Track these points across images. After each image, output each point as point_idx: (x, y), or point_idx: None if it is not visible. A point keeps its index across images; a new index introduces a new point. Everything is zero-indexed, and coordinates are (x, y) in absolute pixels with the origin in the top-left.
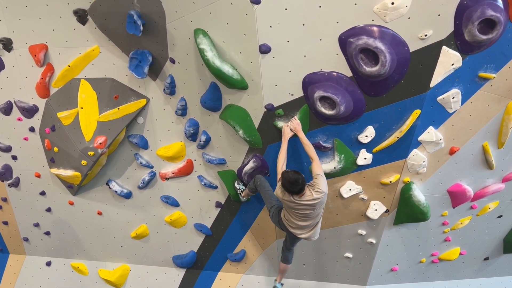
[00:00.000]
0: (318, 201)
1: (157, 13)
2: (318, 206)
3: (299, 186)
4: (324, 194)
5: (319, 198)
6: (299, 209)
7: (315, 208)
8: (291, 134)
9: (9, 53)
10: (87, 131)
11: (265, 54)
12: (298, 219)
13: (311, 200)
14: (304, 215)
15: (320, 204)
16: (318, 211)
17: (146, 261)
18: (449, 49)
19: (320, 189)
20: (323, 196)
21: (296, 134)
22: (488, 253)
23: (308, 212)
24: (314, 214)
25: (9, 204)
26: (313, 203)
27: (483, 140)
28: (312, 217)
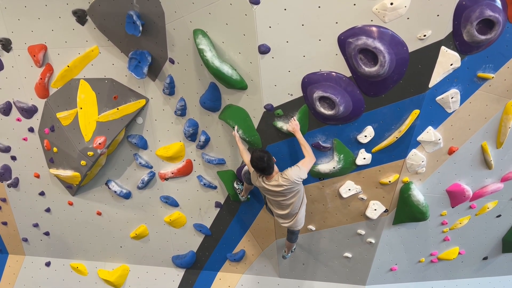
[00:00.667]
0: (285, 188)
1: (156, 14)
2: (288, 194)
3: (264, 164)
4: (292, 183)
5: (285, 185)
6: (271, 195)
7: (286, 197)
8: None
9: (8, 53)
10: (86, 132)
11: (265, 55)
12: (275, 207)
13: (277, 186)
14: (278, 203)
15: (289, 192)
16: (291, 200)
17: (146, 261)
18: (448, 49)
19: (286, 176)
20: (291, 185)
21: (294, 134)
22: (487, 252)
23: (280, 199)
24: (287, 202)
25: (8, 204)
26: (280, 190)
27: (481, 140)
28: (286, 205)
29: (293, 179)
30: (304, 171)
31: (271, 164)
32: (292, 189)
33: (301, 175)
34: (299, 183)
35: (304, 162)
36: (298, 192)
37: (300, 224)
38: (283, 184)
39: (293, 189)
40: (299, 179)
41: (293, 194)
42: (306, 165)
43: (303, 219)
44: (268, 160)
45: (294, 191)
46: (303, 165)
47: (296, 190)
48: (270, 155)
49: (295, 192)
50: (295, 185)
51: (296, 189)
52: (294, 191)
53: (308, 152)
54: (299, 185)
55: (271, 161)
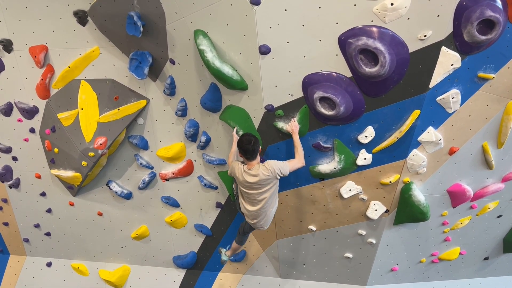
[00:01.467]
0: (262, 178)
1: (157, 14)
2: (262, 187)
3: (250, 146)
4: (270, 174)
5: (264, 175)
6: (246, 187)
7: (260, 190)
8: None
9: (9, 54)
10: (87, 132)
11: (265, 55)
12: (247, 203)
13: (255, 175)
14: (250, 198)
15: (265, 185)
16: (264, 195)
17: (147, 261)
18: (448, 49)
19: (268, 166)
20: (269, 177)
21: (292, 135)
22: (488, 252)
23: (254, 192)
24: (259, 198)
25: (9, 205)
26: (257, 180)
27: (482, 140)
28: (258, 201)
29: (274, 170)
30: (288, 168)
31: (256, 149)
32: (268, 182)
33: (283, 170)
34: (278, 178)
35: (291, 162)
36: (272, 188)
37: (267, 223)
38: (263, 173)
39: (269, 182)
40: (280, 173)
41: (267, 188)
42: (292, 164)
43: (270, 220)
44: (254, 144)
45: (269, 184)
46: (290, 163)
47: (272, 185)
48: (258, 141)
49: (270, 186)
50: (272, 179)
51: (272, 183)
52: (269, 185)
53: (299, 155)
54: (276, 181)
55: (256, 146)
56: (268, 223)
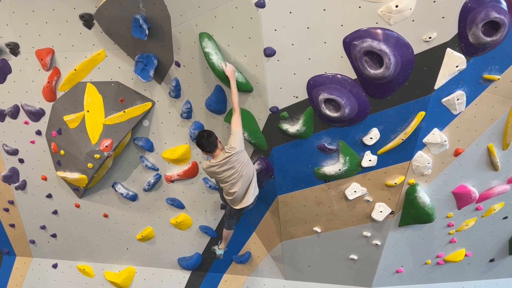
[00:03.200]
0: (230, 155)
1: (162, 17)
2: (236, 163)
3: (205, 139)
4: (236, 151)
5: (231, 155)
6: (221, 173)
7: (234, 167)
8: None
9: (16, 57)
10: (93, 134)
11: (270, 57)
12: (229, 187)
13: (224, 158)
14: (228, 178)
15: (236, 161)
16: (239, 169)
17: (152, 263)
18: (453, 51)
19: (230, 146)
20: (236, 153)
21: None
22: (494, 254)
23: (229, 173)
24: (237, 174)
25: (16, 206)
26: (227, 160)
27: (488, 142)
28: (237, 178)
29: (240, 147)
30: (239, 133)
31: (212, 140)
32: (239, 156)
33: (239, 138)
34: (243, 149)
35: (236, 123)
36: (245, 161)
37: (251, 200)
38: (229, 154)
39: (240, 156)
40: (240, 140)
41: (240, 164)
42: (237, 122)
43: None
44: (208, 137)
45: (242, 158)
46: (236, 126)
47: (242, 158)
48: (211, 134)
49: (241, 161)
50: (240, 152)
51: (241, 157)
52: (240, 160)
53: (234, 103)
54: (243, 152)
55: (211, 138)
56: (252, 197)
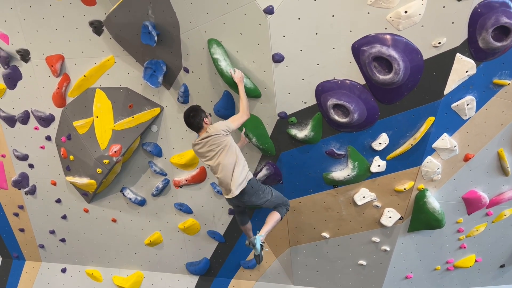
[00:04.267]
0: (208, 135)
1: (171, 24)
2: (214, 147)
3: (191, 119)
4: (215, 134)
5: (212, 134)
6: (202, 154)
7: (213, 150)
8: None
9: (27, 63)
10: (102, 140)
11: (278, 63)
12: (214, 169)
13: (202, 138)
14: (208, 161)
15: (214, 144)
16: (217, 153)
17: (160, 268)
18: (463, 56)
19: (213, 127)
20: (214, 136)
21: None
22: (504, 260)
23: (209, 155)
24: (215, 159)
25: (25, 211)
26: (206, 140)
27: (498, 147)
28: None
29: (219, 129)
30: (232, 124)
31: (198, 119)
32: (219, 140)
33: (228, 126)
34: (226, 134)
35: (235, 116)
36: (227, 146)
37: (237, 190)
38: (210, 133)
39: (219, 140)
40: (227, 130)
41: (222, 147)
42: (236, 119)
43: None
44: (193, 116)
45: (222, 143)
46: (233, 119)
47: (225, 143)
48: (196, 115)
49: (223, 145)
50: (220, 136)
51: (224, 140)
52: (222, 144)
53: (243, 107)
54: (227, 137)
55: (197, 117)
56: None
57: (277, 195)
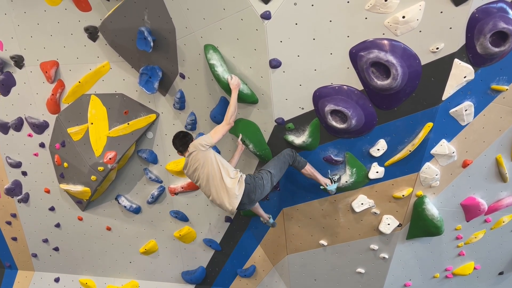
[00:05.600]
0: (191, 155)
1: (167, 29)
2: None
3: (178, 139)
4: (195, 148)
5: (191, 152)
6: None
7: (197, 168)
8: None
9: (21, 70)
10: (97, 147)
11: (276, 69)
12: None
13: (187, 157)
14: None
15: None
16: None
17: (155, 277)
18: (461, 61)
19: (192, 144)
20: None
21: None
22: (503, 267)
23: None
24: (200, 176)
25: (18, 220)
26: (189, 159)
27: (496, 153)
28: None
29: (197, 145)
30: (210, 137)
31: (186, 140)
32: (198, 156)
33: (206, 140)
34: (205, 149)
35: (215, 129)
36: (208, 160)
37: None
38: (189, 151)
39: (198, 155)
40: (205, 144)
41: (201, 162)
42: (216, 131)
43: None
44: (183, 137)
45: (201, 158)
46: (213, 132)
47: (204, 158)
48: (187, 134)
49: (202, 160)
50: (199, 152)
51: (203, 156)
52: (201, 159)
53: (227, 115)
54: (206, 152)
55: (185, 138)
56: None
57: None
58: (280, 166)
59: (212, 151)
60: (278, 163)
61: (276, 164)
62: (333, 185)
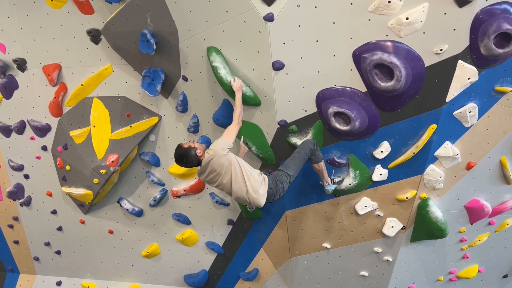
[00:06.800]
0: (212, 160)
1: (170, 32)
2: (219, 166)
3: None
4: (215, 153)
5: (212, 157)
6: (212, 179)
7: (219, 172)
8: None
9: (23, 73)
10: (99, 149)
11: (279, 71)
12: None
13: (207, 162)
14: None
15: (220, 164)
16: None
17: (157, 280)
18: (465, 63)
19: (210, 149)
20: (214, 156)
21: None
22: (507, 270)
23: (217, 178)
24: (223, 179)
25: (20, 223)
26: (210, 164)
27: (500, 155)
28: (223, 183)
29: (217, 150)
30: (226, 140)
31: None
32: (221, 161)
33: (225, 143)
34: (226, 153)
35: (228, 131)
36: (231, 164)
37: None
38: (208, 157)
39: (221, 160)
40: (225, 148)
41: (225, 167)
42: (230, 133)
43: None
44: (187, 162)
45: (224, 163)
46: (228, 134)
47: (227, 162)
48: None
49: (226, 164)
50: (221, 157)
51: (226, 160)
52: (225, 164)
53: (235, 116)
54: (228, 155)
55: (191, 161)
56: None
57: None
58: (300, 165)
59: (233, 154)
60: (298, 161)
61: (297, 163)
62: (332, 186)
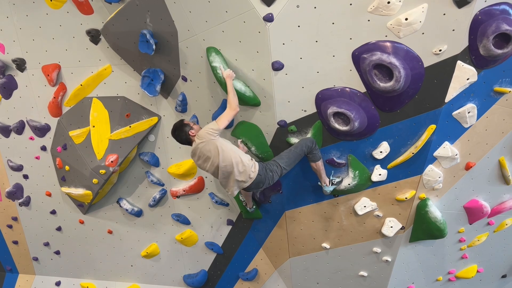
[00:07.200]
0: (199, 146)
1: (169, 32)
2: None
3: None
4: (202, 139)
5: (198, 144)
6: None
7: (208, 157)
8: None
9: (22, 73)
10: (98, 150)
11: (278, 71)
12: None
13: (195, 148)
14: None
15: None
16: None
17: (157, 280)
18: (464, 63)
19: (198, 135)
20: (203, 141)
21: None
22: (506, 270)
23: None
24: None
25: (19, 223)
26: (199, 149)
27: (499, 155)
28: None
29: (204, 135)
30: (217, 124)
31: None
32: (208, 147)
33: (213, 128)
34: (214, 137)
35: (221, 116)
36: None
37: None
38: (196, 142)
39: (208, 146)
40: (213, 132)
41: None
42: (223, 117)
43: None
44: (178, 135)
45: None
46: (219, 118)
47: (214, 147)
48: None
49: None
50: (208, 142)
51: (212, 145)
52: (212, 149)
53: (229, 102)
54: (215, 140)
55: (181, 134)
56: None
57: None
58: (294, 159)
59: (221, 139)
60: (293, 155)
61: (291, 156)
62: (330, 187)
